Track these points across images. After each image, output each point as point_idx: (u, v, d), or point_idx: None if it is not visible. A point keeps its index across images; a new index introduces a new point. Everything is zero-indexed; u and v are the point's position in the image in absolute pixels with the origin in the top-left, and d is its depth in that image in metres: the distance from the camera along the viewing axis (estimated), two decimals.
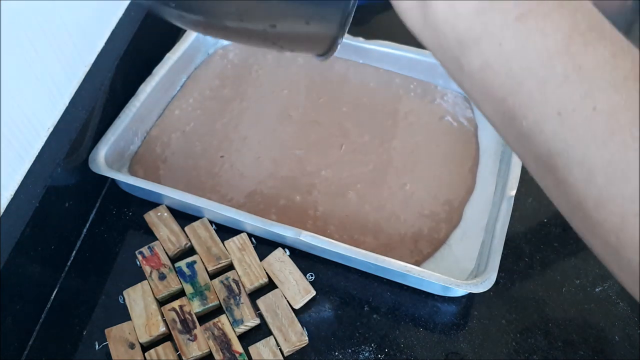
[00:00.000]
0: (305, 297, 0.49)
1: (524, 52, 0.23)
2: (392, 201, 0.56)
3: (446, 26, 0.24)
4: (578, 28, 0.22)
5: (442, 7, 0.24)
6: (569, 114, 0.22)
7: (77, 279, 0.52)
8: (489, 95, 0.25)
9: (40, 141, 0.49)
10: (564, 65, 0.22)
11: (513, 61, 0.23)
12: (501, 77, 0.24)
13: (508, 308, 0.50)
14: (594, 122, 0.22)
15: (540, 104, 0.23)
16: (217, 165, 0.59)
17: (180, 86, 0.67)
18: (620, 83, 0.22)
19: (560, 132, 0.23)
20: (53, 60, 0.49)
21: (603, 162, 0.22)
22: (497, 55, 0.23)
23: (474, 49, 0.24)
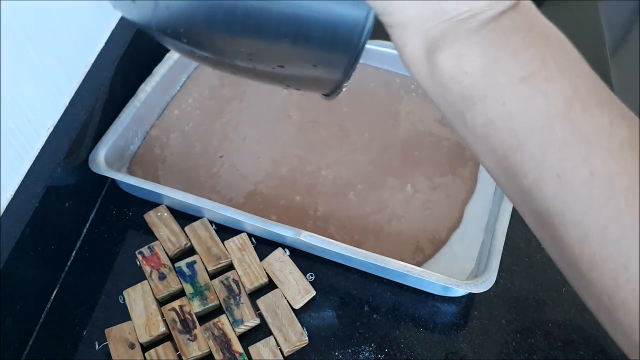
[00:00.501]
0: (305, 297, 0.49)
1: (527, 113, 0.23)
2: (392, 202, 0.56)
3: (452, 82, 0.25)
4: (578, 93, 0.23)
5: (449, 63, 0.24)
6: (567, 178, 0.23)
7: (77, 279, 0.52)
8: (491, 151, 0.25)
9: (40, 141, 0.49)
10: (564, 129, 0.23)
11: (515, 121, 0.24)
12: (503, 135, 0.24)
13: (508, 308, 0.50)
14: (591, 187, 0.23)
15: (541, 165, 0.24)
16: (217, 165, 0.59)
17: (180, 86, 0.67)
18: (617, 149, 0.23)
19: (559, 194, 0.24)
20: (53, 60, 0.49)
21: (598, 226, 0.23)
22: (500, 113, 0.24)
23: (478, 105, 0.24)
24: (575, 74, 0.24)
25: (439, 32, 0.24)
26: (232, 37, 0.28)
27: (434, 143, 0.61)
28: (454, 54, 0.24)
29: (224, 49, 0.29)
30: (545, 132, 0.23)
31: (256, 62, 0.29)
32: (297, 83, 0.32)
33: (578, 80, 0.23)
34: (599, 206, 0.23)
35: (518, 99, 0.23)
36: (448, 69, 0.24)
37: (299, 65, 0.29)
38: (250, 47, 0.28)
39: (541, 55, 0.23)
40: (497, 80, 0.24)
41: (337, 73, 0.29)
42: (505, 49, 0.23)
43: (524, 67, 0.23)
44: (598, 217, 0.23)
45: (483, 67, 0.24)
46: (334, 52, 0.28)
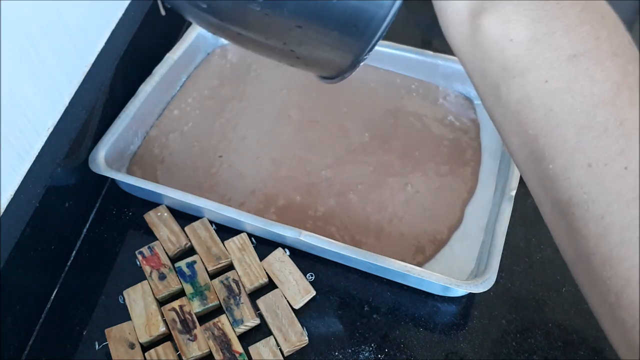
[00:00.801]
0: (305, 297, 0.49)
1: (569, 94, 0.22)
2: (393, 202, 0.56)
3: (494, 50, 0.23)
4: (627, 81, 0.22)
5: (495, 29, 0.23)
6: (599, 168, 0.22)
7: (77, 279, 0.52)
8: (521, 130, 0.24)
9: (40, 141, 0.49)
10: (606, 117, 0.22)
11: (555, 101, 0.22)
12: (538, 114, 0.23)
13: (508, 308, 0.50)
14: (622, 182, 0.22)
15: (573, 151, 0.22)
16: (216, 165, 0.59)
17: (180, 86, 0.67)
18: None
19: (586, 184, 0.22)
20: (53, 60, 0.49)
21: (622, 223, 0.22)
22: (540, 91, 0.23)
23: (518, 79, 0.23)
24: (628, 59, 0.22)
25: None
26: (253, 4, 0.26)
27: (434, 143, 0.61)
28: (502, 19, 0.22)
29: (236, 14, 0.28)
30: (585, 117, 0.22)
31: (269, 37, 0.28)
32: (307, 61, 0.31)
33: (630, 67, 0.22)
34: (626, 203, 0.21)
35: (563, 78, 0.22)
36: (493, 35, 0.23)
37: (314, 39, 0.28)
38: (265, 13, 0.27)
39: (596, 33, 0.22)
40: (543, 55, 0.22)
41: (346, 59, 0.28)
42: (559, 22, 0.22)
43: (576, 45, 0.22)
44: (623, 215, 0.22)
45: (531, 38, 0.22)
46: (352, 34, 0.26)
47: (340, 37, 0.27)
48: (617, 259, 0.22)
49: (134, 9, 0.60)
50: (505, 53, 0.23)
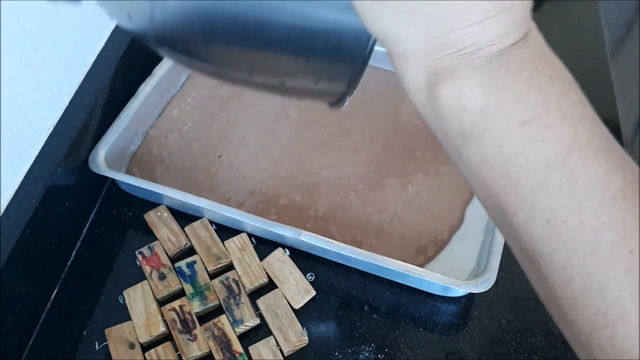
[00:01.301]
0: (305, 297, 0.49)
1: (523, 157, 0.23)
2: (394, 202, 0.56)
3: (451, 118, 0.24)
4: (577, 142, 0.23)
5: (450, 99, 0.24)
6: (557, 224, 0.23)
7: (77, 279, 0.52)
8: (483, 187, 0.25)
9: (40, 141, 0.49)
10: (559, 177, 0.23)
11: (511, 164, 0.24)
12: (497, 174, 0.24)
13: (508, 308, 0.50)
14: (579, 236, 0.23)
15: (532, 209, 0.24)
16: (215, 165, 0.59)
17: (180, 86, 0.67)
18: (609, 202, 0.23)
19: (546, 238, 0.24)
20: (53, 60, 0.49)
21: (583, 274, 0.23)
22: (496, 155, 0.24)
23: (475, 144, 0.24)
24: (577, 121, 0.23)
25: (441, 66, 0.24)
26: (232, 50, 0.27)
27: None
28: (455, 90, 0.24)
29: (223, 61, 0.28)
30: (540, 178, 0.23)
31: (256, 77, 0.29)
32: (300, 96, 0.32)
33: (579, 128, 0.23)
34: (585, 256, 0.23)
35: (516, 143, 0.23)
36: (448, 104, 0.24)
37: (299, 80, 0.29)
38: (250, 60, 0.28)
39: (544, 99, 0.23)
40: (496, 122, 0.23)
41: (340, 86, 0.29)
42: (509, 91, 0.23)
43: (525, 111, 0.23)
44: (583, 266, 0.23)
45: (483, 107, 0.23)
46: (337, 66, 0.27)
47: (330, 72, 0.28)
48: (583, 305, 0.24)
49: None
50: (462, 121, 0.24)
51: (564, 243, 0.23)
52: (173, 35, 0.27)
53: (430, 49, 0.23)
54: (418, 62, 0.24)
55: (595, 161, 0.23)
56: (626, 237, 0.23)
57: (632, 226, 0.23)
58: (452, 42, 0.23)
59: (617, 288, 0.23)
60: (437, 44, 0.23)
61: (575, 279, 0.23)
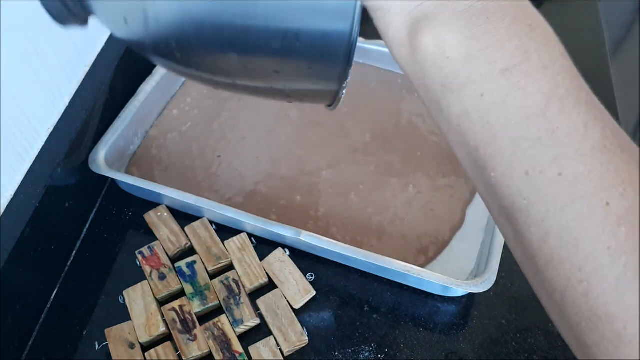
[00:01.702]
0: (305, 297, 0.49)
1: (503, 107, 0.23)
2: (395, 203, 0.56)
3: (433, 67, 0.24)
4: (557, 92, 0.23)
5: (431, 47, 0.24)
6: (535, 175, 0.23)
7: (77, 279, 0.52)
8: (463, 142, 0.25)
9: (40, 141, 0.49)
10: (538, 127, 0.23)
11: (491, 114, 0.24)
12: (477, 127, 0.24)
13: (508, 308, 0.50)
14: (557, 188, 0.23)
15: (510, 160, 0.24)
16: (214, 165, 0.59)
17: (180, 86, 0.67)
18: (588, 153, 0.23)
19: (524, 191, 0.24)
20: (53, 60, 0.49)
21: (559, 226, 0.23)
22: (476, 105, 0.24)
23: (456, 94, 0.24)
24: (557, 71, 0.23)
25: (422, 13, 0.24)
26: (223, 52, 0.28)
27: (436, 143, 0.61)
28: (437, 37, 0.24)
29: (216, 65, 0.29)
30: (520, 128, 0.23)
31: (248, 81, 0.29)
32: (297, 98, 0.32)
33: (559, 77, 0.23)
34: (562, 207, 0.23)
35: (496, 92, 0.23)
36: (430, 53, 0.24)
37: (290, 79, 0.29)
38: (241, 63, 0.28)
39: (524, 47, 0.23)
40: (478, 70, 0.23)
41: (331, 83, 0.29)
42: (490, 37, 0.23)
43: (506, 59, 0.23)
44: (559, 218, 0.23)
45: (465, 55, 0.23)
46: (325, 62, 0.28)
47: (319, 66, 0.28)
48: (558, 260, 0.23)
49: None
50: (443, 70, 0.24)
51: (541, 195, 0.23)
52: (167, 39, 0.28)
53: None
54: (399, 12, 0.24)
55: (574, 111, 0.23)
56: (603, 189, 0.22)
57: (610, 178, 0.22)
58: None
59: (592, 241, 0.22)
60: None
61: (552, 233, 0.23)
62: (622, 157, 0.23)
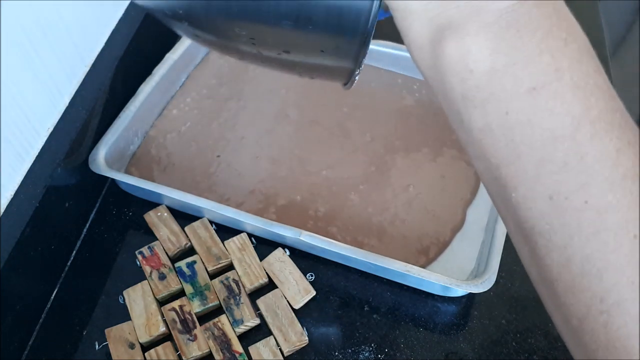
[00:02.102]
0: (305, 297, 0.49)
1: (529, 127, 0.22)
2: (395, 203, 0.56)
3: (454, 78, 0.23)
4: (589, 114, 0.21)
5: (455, 58, 0.22)
6: (560, 201, 0.22)
7: (77, 279, 0.52)
8: (484, 157, 0.24)
9: (40, 141, 0.49)
10: (566, 152, 0.21)
11: (516, 133, 0.22)
12: (500, 144, 0.23)
13: (508, 308, 0.50)
14: (582, 216, 0.22)
15: (534, 183, 0.22)
16: (214, 165, 0.59)
17: (180, 86, 0.67)
18: (618, 182, 0.21)
19: (547, 215, 0.22)
20: (53, 60, 0.49)
21: (582, 255, 0.22)
22: (500, 122, 0.22)
23: (479, 109, 0.23)
24: (590, 91, 0.22)
25: (447, 21, 0.22)
26: (232, 19, 0.26)
27: (437, 144, 0.61)
28: (461, 48, 0.22)
29: (226, 31, 0.28)
30: (546, 151, 0.22)
31: (260, 47, 0.28)
32: (309, 71, 0.31)
33: (592, 99, 0.22)
34: (586, 237, 0.22)
35: (522, 111, 0.22)
36: (452, 63, 0.22)
37: (304, 51, 0.28)
38: (251, 30, 0.27)
39: (556, 64, 0.21)
40: (503, 87, 0.22)
41: (346, 59, 0.27)
42: (519, 53, 0.21)
43: (535, 77, 0.21)
44: (583, 247, 0.22)
45: (490, 69, 0.22)
46: (341, 37, 0.26)
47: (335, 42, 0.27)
48: (579, 288, 0.22)
49: (134, 8, 0.60)
50: (466, 83, 0.22)
51: (565, 221, 0.22)
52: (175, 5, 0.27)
53: (435, 2, 0.22)
54: (422, 16, 0.22)
55: (606, 136, 0.21)
56: (632, 220, 0.21)
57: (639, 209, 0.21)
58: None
59: (616, 273, 0.21)
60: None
61: (574, 261, 0.22)
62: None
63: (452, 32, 0.22)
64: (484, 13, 0.21)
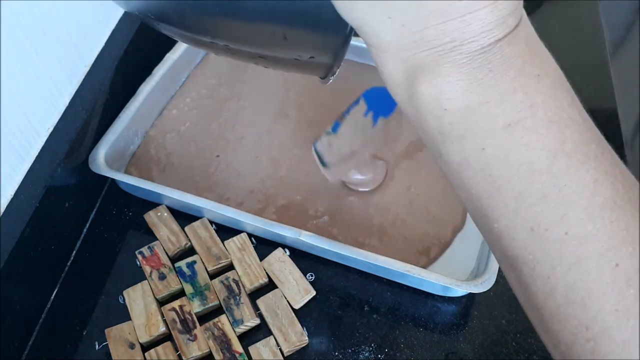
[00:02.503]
0: (305, 297, 0.49)
1: (506, 162, 0.22)
2: (396, 204, 0.56)
3: (430, 116, 0.23)
4: (564, 147, 0.22)
5: (428, 97, 0.22)
6: (541, 232, 0.22)
7: (77, 279, 0.52)
8: (464, 189, 0.24)
9: (40, 141, 0.49)
10: (544, 184, 0.22)
11: (493, 168, 0.23)
12: (478, 177, 0.23)
13: (508, 308, 0.50)
14: (563, 246, 0.22)
15: (514, 215, 0.23)
16: (213, 165, 0.59)
17: (180, 86, 0.67)
18: (597, 212, 0.22)
19: (529, 246, 0.23)
20: (53, 60, 0.49)
21: (565, 284, 0.22)
22: (477, 157, 0.23)
23: (455, 144, 0.23)
24: (564, 124, 0.22)
25: (419, 62, 0.22)
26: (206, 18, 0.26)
27: None
28: (434, 88, 0.22)
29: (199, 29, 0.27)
30: (524, 184, 0.22)
31: (234, 45, 0.27)
32: (284, 66, 0.30)
33: (566, 132, 0.22)
34: (568, 266, 0.22)
35: (499, 146, 0.22)
36: (427, 102, 0.22)
37: (281, 50, 0.27)
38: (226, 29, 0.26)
39: (530, 101, 0.22)
40: (478, 124, 0.22)
41: (325, 58, 0.27)
42: (492, 92, 0.22)
43: (510, 114, 0.22)
44: (566, 277, 0.22)
45: (465, 108, 0.22)
46: (319, 38, 0.25)
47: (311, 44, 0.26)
48: (565, 316, 0.23)
49: None
50: (441, 120, 0.23)
51: (547, 252, 0.22)
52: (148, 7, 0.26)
53: (406, 44, 0.22)
54: (395, 55, 0.22)
55: (582, 168, 0.22)
56: (612, 248, 0.22)
57: (619, 237, 0.22)
58: (430, 38, 0.21)
59: (600, 301, 0.22)
60: (414, 38, 0.21)
61: (558, 289, 0.22)
62: (633, 212, 0.22)
63: (424, 72, 0.22)
64: (456, 54, 0.21)
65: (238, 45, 0.28)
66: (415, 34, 0.21)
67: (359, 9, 0.22)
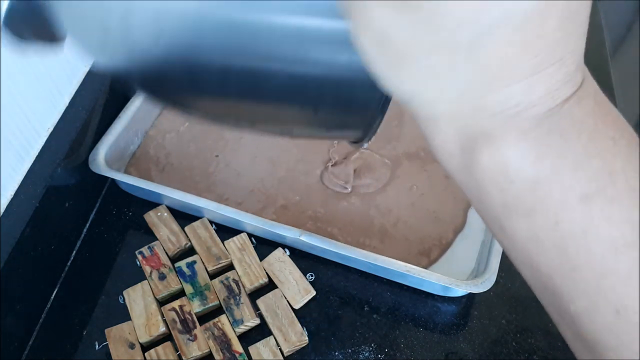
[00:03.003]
0: (305, 297, 0.49)
1: (585, 238, 0.19)
2: (398, 205, 0.56)
3: (493, 188, 0.20)
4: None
5: (492, 168, 0.20)
6: (629, 315, 0.20)
7: (77, 279, 0.52)
8: (532, 266, 0.22)
9: (40, 141, 0.49)
10: (630, 261, 0.19)
11: (569, 244, 0.20)
12: (551, 255, 0.20)
13: (508, 308, 0.50)
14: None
15: (596, 296, 0.20)
16: (212, 164, 0.59)
17: None
18: None
19: (615, 330, 0.20)
20: (53, 60, 0.48)
21: None
22: (550, 232, 0.20)
23: (523, 219, 0.20)
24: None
25: (479, 130, 0.19)
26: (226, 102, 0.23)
27: None
28: (499, 159, 0.19)
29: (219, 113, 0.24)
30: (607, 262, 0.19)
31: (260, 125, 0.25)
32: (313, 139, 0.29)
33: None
34: None
35: (575, 221, 0.19)
36: (489, 173, 0.20)
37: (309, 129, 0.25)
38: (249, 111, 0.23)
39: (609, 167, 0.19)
40: (550, 197, 0.19)
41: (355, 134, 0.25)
42: (565, 159, 0.19)
43: (586, 184, 0.19)
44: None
45: (535, 178, 0.19)
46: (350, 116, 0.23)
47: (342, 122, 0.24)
48: None
49: None
50: (507, 193, 0.20)
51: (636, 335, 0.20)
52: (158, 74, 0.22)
53: (464, 112, 0.19)
54: (449, 124, 0.20)
55: None
56: None
57: None
58: (492, 104, 0.18)
59: None
60: (474, 105, 0.19)
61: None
62: None
63: (486, 142, 0.19)
64: (521, 120, 0.19)
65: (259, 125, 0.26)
66: (475, 100, 0.19)
67: (407, 84, 0.19)
